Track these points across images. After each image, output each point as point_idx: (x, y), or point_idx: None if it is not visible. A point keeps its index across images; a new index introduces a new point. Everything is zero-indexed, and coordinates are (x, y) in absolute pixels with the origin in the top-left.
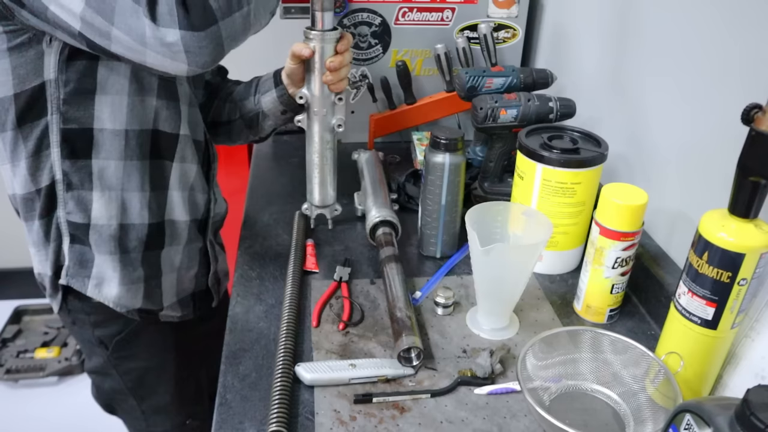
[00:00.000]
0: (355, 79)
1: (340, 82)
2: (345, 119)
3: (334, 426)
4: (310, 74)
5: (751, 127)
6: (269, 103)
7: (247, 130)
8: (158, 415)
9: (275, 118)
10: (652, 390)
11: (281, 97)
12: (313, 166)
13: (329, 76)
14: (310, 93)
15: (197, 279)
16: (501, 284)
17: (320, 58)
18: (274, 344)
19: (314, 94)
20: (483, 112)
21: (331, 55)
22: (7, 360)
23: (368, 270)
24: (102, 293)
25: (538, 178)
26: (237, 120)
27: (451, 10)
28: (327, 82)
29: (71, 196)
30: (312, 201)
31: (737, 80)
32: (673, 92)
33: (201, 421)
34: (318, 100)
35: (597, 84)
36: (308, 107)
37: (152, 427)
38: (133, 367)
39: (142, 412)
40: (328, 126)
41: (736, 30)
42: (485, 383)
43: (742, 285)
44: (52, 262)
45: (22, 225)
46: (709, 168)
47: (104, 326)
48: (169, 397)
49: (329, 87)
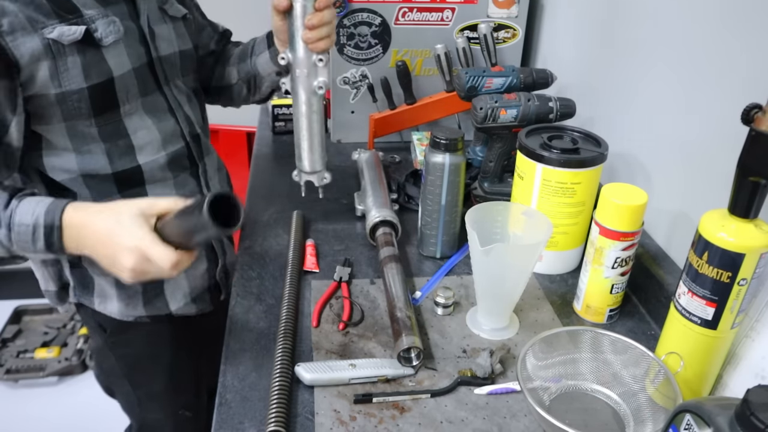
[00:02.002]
0: (355, 79)
1: (320, 41)
2: (328, 82)
3: (334, 426)
4: (292, 34)
5: (751, 127)
6: (263, 64)
7: (246, 92)
8: (152, 402)
9: (271, 79)
10: (652, 390)
11: (274, 57)
12: (300, 130)
13: (309, 34)
14: (293, 54)
15: (209, 273)
16: (501, 284)
17: (301, 15)
18: (273, 344)
19: (296, 55)
20: (483, 112)
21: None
22: (7, 360)
23: (368, 270)
24: (107, 309)
25: (538, 178)
26: (237, 83)
27: (451, 10)
28: (307, 40)
29: None
30: (301, 168)
31: (737, 80)
32: (674, 92)
33: (195, 412)
34: (299, 61)
35: (597, 84)
36: (291, 69)
37: (146, 413)
38: (129, 353)
39: (137, 398)
40: (312, 88)
41: (736, 30)
42: (485, 383)
43: (742, 285)
44: (55, 281)
45: None
46: (709, 168)
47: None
48: (163, 386)
49: (309, 46)
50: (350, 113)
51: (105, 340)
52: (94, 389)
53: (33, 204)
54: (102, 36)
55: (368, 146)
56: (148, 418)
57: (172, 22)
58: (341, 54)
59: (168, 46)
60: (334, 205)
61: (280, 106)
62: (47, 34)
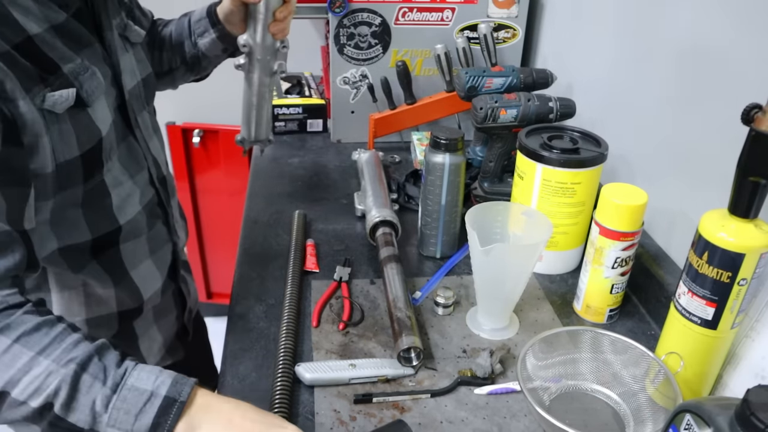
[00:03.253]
0: (355, 79)
1: (284, 29)
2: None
3: (334, 426)
4: (254, 22)
5: (751, 127)
6: (208, 44)
7: (189, 73)
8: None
9: (216, 58)
10: (652, 390)
11: (221, 37)
12: (250, 107)
13: (277, 25)
14: (254, 41)
15: (178, 320)
16: (501, 284)
17: (266, 7)
18: (274, 344)
19: (257, 42)
20: (483, 112)
21: (278, 5)
22: None
23: (368, 270)
24: None
25: (538, 178)
26: (179, 67)
27: (451, 10)
28: (274, 31)
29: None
30: (248, 137)
31: (737, 80)
32: (674, 92)
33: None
34: (261, 48)
35: (597, 84)
36: (251, 54)
37: None
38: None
39: None
40: (270, 71)
41: (736, 29)
42: (485, 383)
43: (742, 285)
44: None
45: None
46: (709, 168)
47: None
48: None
49: (275, 35)
50: (350, 113)
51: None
52: None
53: (155, 372)
54: (87, 94)
55: (368, 146)
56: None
57: (132, 49)
58: (341, 54)
59: (131, 79)
60: (334, 205)
61: (280, 107)
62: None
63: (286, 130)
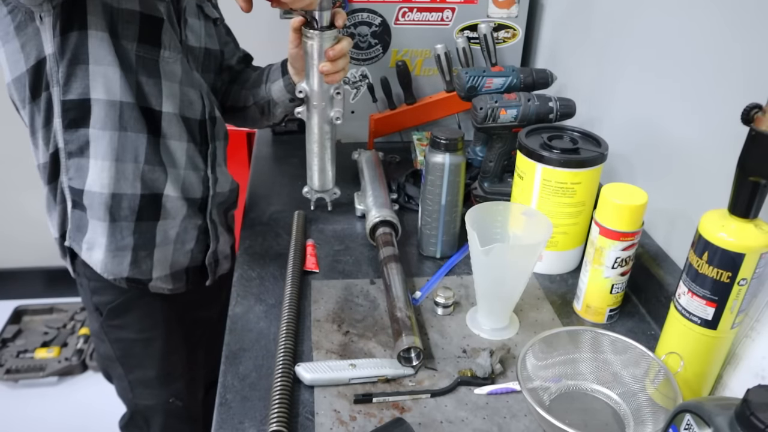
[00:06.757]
0: (355, 79)
1: (336, 74)
2: (343, 112)
3: (334, 426)
4: (309, 69)
5: (751, 127)
6: (277, 91)
7: (260, 116)
8: (144, 389)
9: (284, 106)
10: (652, 390)
11: (288, 86)
12: (312, 155)
13: (327, 66)
14: (309, 87)
15: (192, 255)
16: (501, 284)
17: (318, 54)
18: (274, 344)
19: (313, 88)
20: (483, 112)
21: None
22: (7, 360)
23: (368, 270)
24: (92, 258)
25: (538, 178)
26: (251, 106)
27: (451, 10)
28: (323, 71)
29: (72, 163)
30: (312, 186)
31: (737, 80)
32: (673, 92)
33: (186, 402)
34: (317, 94)
35: (597, 84)
36: (308, 100)
37: (138, 399)
38: (123, 337)
39: (129, 383)
40: (327, 118)
41: (736, 29)
42: (485, 383)
43: (742, 285)
44: (58, 226)
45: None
46: (709, 168)
47: (100, 293)
48: (155, 373)
49: (326, 79)
50: (350, 113)
51: (101, 324)
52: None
53: None
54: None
55: (368, 146)
56: (140, 405)
57: (204, 20)
58: None
59: (195, 40)
60: (334, 205)
61: None
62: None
63: (286, 130)
